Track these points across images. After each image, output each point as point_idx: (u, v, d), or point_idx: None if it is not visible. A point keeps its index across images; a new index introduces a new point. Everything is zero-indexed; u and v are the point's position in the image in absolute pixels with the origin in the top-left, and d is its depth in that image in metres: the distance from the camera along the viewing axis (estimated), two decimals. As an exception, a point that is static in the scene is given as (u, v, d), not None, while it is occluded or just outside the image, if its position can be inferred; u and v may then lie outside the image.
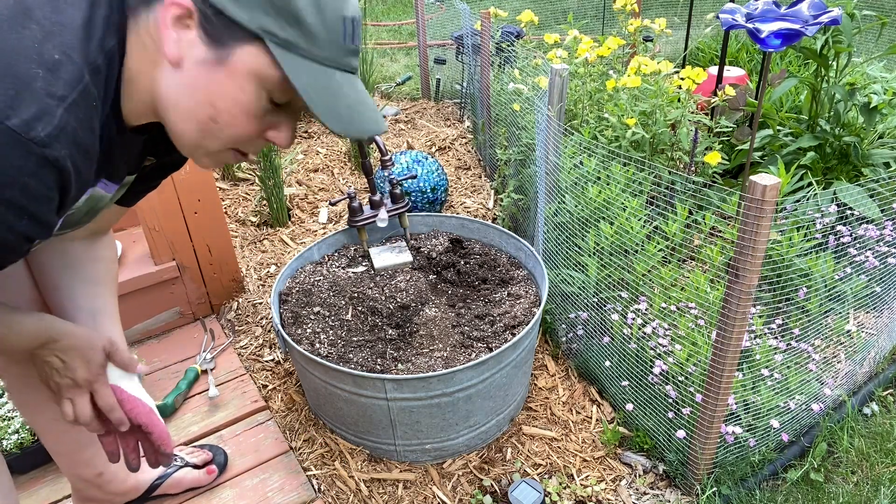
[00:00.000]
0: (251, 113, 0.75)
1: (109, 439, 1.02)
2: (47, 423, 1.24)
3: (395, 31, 6.27)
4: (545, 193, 2.03)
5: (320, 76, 0.73)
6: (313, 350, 1.74)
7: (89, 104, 0.69)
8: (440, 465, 1.74)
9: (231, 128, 0.75)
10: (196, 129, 0.76)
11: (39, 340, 0.89)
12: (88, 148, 0.70)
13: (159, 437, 1.03)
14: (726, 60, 3.01)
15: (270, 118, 0.78)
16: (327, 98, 0.73)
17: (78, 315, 1.04)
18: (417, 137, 3.73)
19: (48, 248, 1.05)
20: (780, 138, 2.61)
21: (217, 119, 0.74)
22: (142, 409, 1.01)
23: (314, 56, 0.72)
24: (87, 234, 1.07)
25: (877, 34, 3.66)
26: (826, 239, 1.98)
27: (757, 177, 1.21)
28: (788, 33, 1.78)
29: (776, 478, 1.68)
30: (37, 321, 0.89)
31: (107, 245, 1.11)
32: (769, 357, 1.66)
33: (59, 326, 0.92)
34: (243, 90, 0.72)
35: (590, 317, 1.91)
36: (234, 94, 0.72)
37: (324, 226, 2.86)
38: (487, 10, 2.88)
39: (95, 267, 1.08)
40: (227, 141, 0.77)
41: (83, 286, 1.05)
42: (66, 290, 1.05)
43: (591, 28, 5.39)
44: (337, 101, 0.73)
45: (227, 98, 0.73)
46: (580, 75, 2.49)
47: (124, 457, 1.04)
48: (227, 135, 0.76)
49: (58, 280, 1.06)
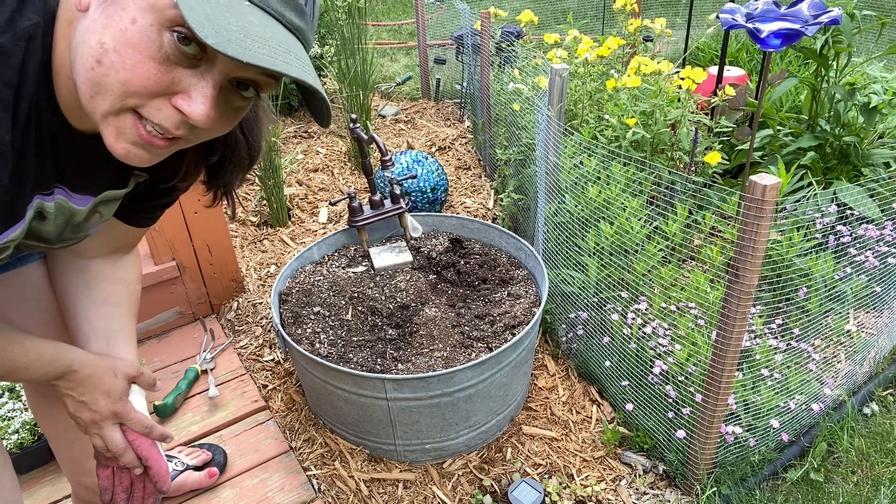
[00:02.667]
0: (141, 50, 0.60)
1: (106, 472, 0.98)
2: (56, 431, 1.23)
3: (395, 31, 6.27)
4: (545, 193, 2.03)
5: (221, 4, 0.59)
6: (313, 350, 1.74)
7: None
8: (440, 465, 1.74)
9: (118, 70, 0.61)
10: (86, 78, 0.62)
11: (58, 369, 0.86)
12: None
13: (157, 473, 0.97)
14: (726, 60, 3.01)
15: (177, 75, 0.63)
16: (214, 11, 0.58)
17: (91, 335, 1.01)
18: (417, 137, 3.73)
19: (69, 265, 1.03)
20: (780, 138, 2.61)
21: (102, 59, 0.60)
22: (143, 441, 0.96)
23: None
24: (107, 253, 1.03)
25: (877, 34, 3.66)
26: (826, 239, 1.98)
27: (757, 177, 1.21)
28: (788, 33, 1.78)
29: (776, 478, 1.68)
30: (55, 349, 0.86)
31: (129, 266, 1.07)
32: (769, 357, 1.66)
33: (78, 356, 0.89)
34: (133, 21, 0.60)
35: (590, 317, 1.91)
36: (123, 24, 0.60)
37: (324, 226, 2.86)
38: (487, 10, 2.88)
39: (114, 288, 1.04)
40: (117, 91, 0.62)
41: (98, 307, 1.02)
42: (81, 310, 1.02)
43: (591, 28, 5.39)
44: (228, 18, 0.58)
45: (115, 31, 0.60)
46: (580, 75, 2.49)
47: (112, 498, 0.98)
48: (114, 79, 0.61)
49: (74, 298, 1.03)
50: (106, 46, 0.60)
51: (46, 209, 0.78)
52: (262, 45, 0.59)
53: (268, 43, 0.60)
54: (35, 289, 1.07)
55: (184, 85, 0.64)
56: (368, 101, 3.38)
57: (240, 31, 0.58)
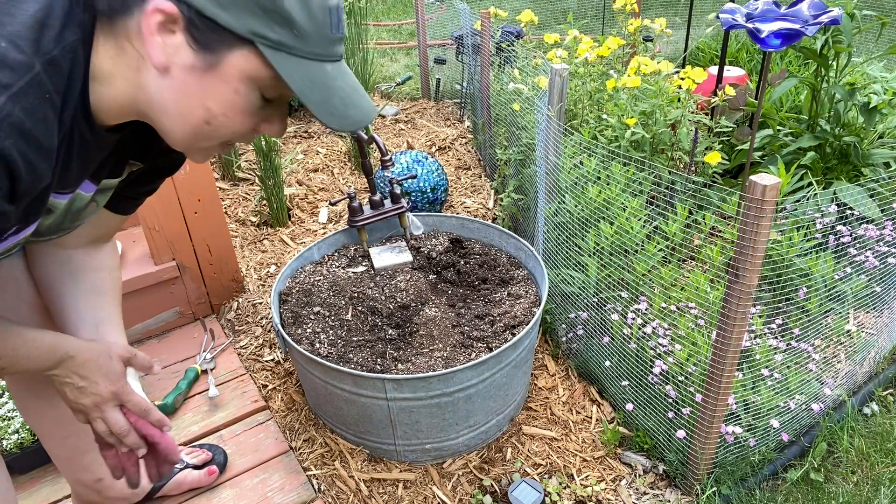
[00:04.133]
0: (245, 112, 0.75)
1: (111, 452, 1.00)
2: (49, 428, 1.24)
3: (395, 31, 6.27)
4: (545, 193, 2.03)
5: (313, 72, 0.72)
6: (313, 350, 1.74)
7: (41, 96, 0.66)
8: (440, 465, 1.74)
9: (227, 128, 0.76)
10: (191, 131, 0.75)
11: (55, 357, 0.88)
12: (41, 140, 0.67)
13: (165, 448, 1.00)
14: (726, 60, 3.01)
15: (263, 112, 0.77)
16: (322, 94, 0.73)
17: (80, 325, 1.03)
18: (417, 137, 3.73)
19: (50, 257, 1.05)
20: (780, 138, 2.61)
21: (212, 121, 0.74)
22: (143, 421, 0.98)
23: (305, 53, 0.71)
24: (88, 242, 1.06)
25: (877, 34, 3.66)
26: (826, 239, 1.98)
27: (757, 177, 1.21)
28: (788, 33, 1.78)
29: (776, 478, 1.68)
30: (52, 338, 0.89)
31: (109, 254, 1.10)
32: (769, 357, 1.66)
33: (73, 343, 0.91)
34: (237, 92, 0.72)
35: (590, 317, 1.91)
36: (228, 96, 0.72)
37: (324, 226, 2.86)
38: (487, 10, 2.88)
39: (98, 276, 1.06)
40: (222, 139, 0.78)
41: (86, 296, 1.04)
42: (69, 300, 1.03)
43: (591, 28, 5.39)
44: (331, 95, 0.73)
45: (221, 101, 0.73)
46: (580, 75, 2.49)
47: (125, 472, 1.01)
48: (222, 134, 0.76)
49: (60, 289, 1.04)
50: (213, 112, 0.73)
51: (56, 205, 0.81)
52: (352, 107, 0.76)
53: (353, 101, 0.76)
54: (15, 281, 1.07)
55: (265, 115, 0.78)
56: (368, 101, 3.38)
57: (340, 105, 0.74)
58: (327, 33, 0.73)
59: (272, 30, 0.68)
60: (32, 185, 0.69)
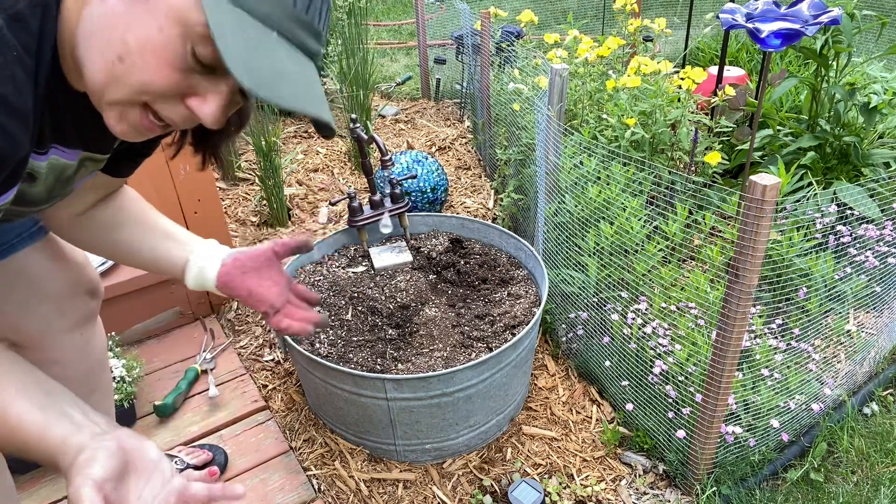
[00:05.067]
0: (164, 59, 0.64)
1: None
2: None
3: (395, 31, 6.27)
4: (545, 193, 2.03)
5: (250, 30, 0.63)
6: (313, 350, 1.74)
7: (6, 54, 0.61)
8: (440, 464, 1.74)
9: (139, 72, 0.65)
10: (103, 68, 0.65)
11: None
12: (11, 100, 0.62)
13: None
14: (726, 60, 3.01)
15: (194, 80, 0.67)
16: (247, 49, 0.61)
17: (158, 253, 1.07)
18: (417, 137, 3.73)
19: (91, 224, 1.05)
20: (780, 138, 2.61)
21: (125, 58, 0.64)
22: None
23: (249, 7, 0.63)
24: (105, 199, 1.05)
25: (877, 34, 3.66)
26: (826, 239, 1.98)
27: (757, 177, 1.21)
28: (788, 33, 1.78)
29: (776, 478, 1.68)
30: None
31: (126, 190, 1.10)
32: (769, 357, 1.66)
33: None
34: (160, 29, 0.63)
35: (590, 317, 1.91)
36: (149, 31, 0.63)
37: (324, 226, 2.86)
38: (487, 10, 2.88)
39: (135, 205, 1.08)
40: (134, 88, 0.66)
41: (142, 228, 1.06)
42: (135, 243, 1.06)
43: (591, 28, 5.39)
44: (260, 58, 0.62)
45: (140, 34, 0.63)
46: (580, 75, 2.49)
47: None
48: (134, 80, 0.65)
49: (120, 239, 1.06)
50: (129, 46, 0.63)
51: (36, 169, 0.76)
52: (288, 84, 0.64)
53: (293, 81, 0.65)
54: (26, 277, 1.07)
55: (199, 89, 0.68)
56: (368, 101, 3.38)
57: (270, 72, 0.63)
58: (288, 4, 0.65)
59: None
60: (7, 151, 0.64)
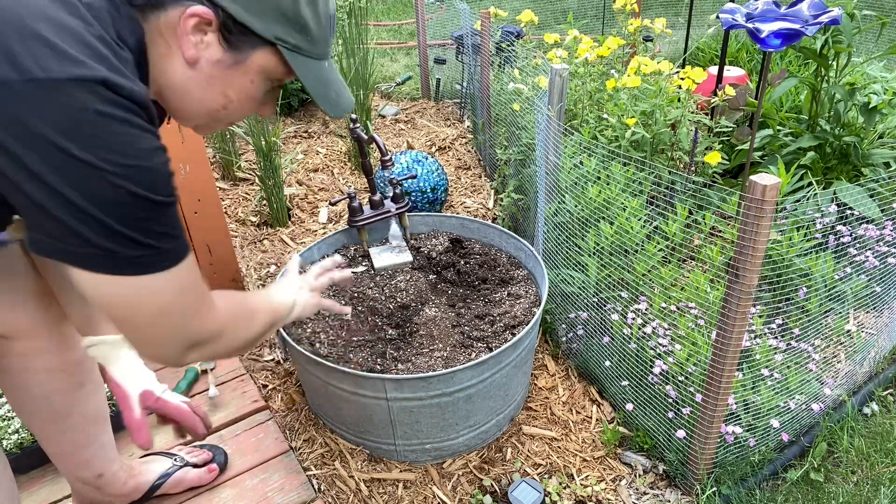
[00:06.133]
0: (255, 99, 0.88)
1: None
2: (43, 426, 1.23)
3: (395, 31, 6.27)
4: (545, 193, 2.03)
5: (317, 70, 0.87)
6: (313, 350, 1.74)
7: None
8: (440, 464, 1.74)
9: (238, 112, 0.89)
10: (206, 114, 0.88)
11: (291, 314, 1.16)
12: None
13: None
14: (726, 60, 3.01)
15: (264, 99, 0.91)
16: (324, 87, 0.89)
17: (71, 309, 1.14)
18: (417, 137, 3.73)
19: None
20: (780, 138, 2.61)
21: (228, 107, 0.87)
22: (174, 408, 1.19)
23: (312, 53, 0.86)
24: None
25: (877, 34, 3.66)
26: (826, 239, 1.98)
27: (757, 177, 1.21)
28: (788, 33, 1.78)
29: (776, 477, 1.68)
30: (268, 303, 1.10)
31: None
32: (769, 357, 1.66)
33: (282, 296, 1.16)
34: (253, 83, 0.86)
35: (590, 317, 1.91)
36: (246, 87, 0.86)
37: (324, 226, 2.86)
38: (487, 10, 2.88)
39: None
40: (232, 121, 0.92)
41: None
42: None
43: (591, 28, 5.39)
44: (328, 89, 0.89)
45: (240, 91, 0.86)
46: (580, 75, 2.49)
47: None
48: (233, 117, 0.90)
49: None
50: (231, 99, 0.86)
51: None
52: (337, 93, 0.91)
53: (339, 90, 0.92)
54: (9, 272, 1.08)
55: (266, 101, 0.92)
56: (368, 101, 3.38)
57: (336, 95, 0.90)
58: (327, 37, 0.88)
59: (291, 35, 0.82)
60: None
